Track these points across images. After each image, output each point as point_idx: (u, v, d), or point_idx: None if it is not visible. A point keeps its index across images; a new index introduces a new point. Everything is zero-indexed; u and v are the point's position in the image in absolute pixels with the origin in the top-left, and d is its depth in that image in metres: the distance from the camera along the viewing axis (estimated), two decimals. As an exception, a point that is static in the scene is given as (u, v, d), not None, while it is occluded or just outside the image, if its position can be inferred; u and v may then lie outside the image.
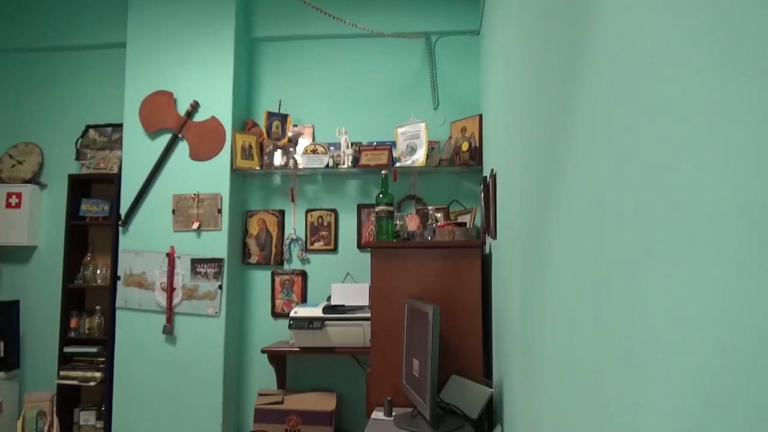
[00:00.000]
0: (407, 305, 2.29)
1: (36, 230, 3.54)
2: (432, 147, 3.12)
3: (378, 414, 2.15)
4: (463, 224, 2.65)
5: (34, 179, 3.55)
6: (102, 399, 3.28)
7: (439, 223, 2.66)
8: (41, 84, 3.65)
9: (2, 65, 3.68)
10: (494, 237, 2.16)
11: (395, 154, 3.14)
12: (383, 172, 2.73)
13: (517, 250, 1.51)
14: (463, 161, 3.02)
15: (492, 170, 2.25)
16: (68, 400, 3.33)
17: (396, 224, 2.71)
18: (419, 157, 3.05)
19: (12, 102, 3.66)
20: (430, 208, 2.84)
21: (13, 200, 3.47)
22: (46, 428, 3.17)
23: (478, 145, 3.00)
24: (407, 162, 3.07)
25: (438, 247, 2.41)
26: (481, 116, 3.02)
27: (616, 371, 0.63)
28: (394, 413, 2.13)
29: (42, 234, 3.56)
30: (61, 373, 3.25)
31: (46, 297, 3.47)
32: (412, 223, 2.72)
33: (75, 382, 3.23)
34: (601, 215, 0.70)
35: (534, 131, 1.22)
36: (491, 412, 2.13)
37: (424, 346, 1.96)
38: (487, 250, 2.49)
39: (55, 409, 3.22)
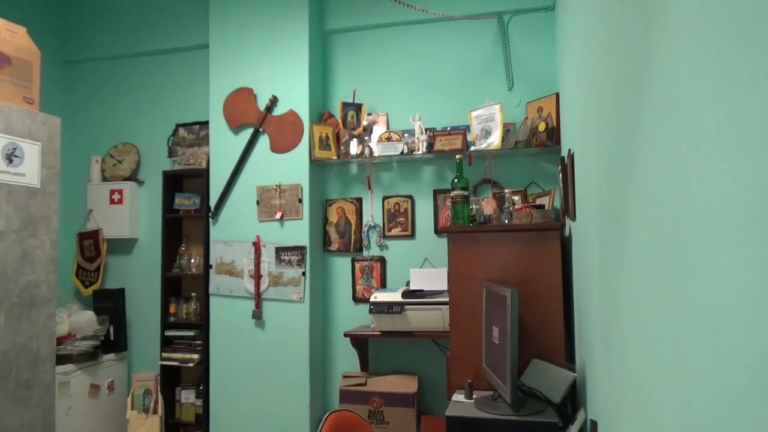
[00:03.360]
0: (485, 289, 2.29)
1: (136, 224, 3.83)
2: (507, 129, 3.07)
3: (459, 396, 2.17)
4: (542, 206, 2.60)
5: (133, 177, 3.84)
6: (200, 379, 3.52)
7: (516, 206, 2.63)
8: (135, 88, 3.92)
9: (102, 73, 3.99)
10: (574, 218, 2.11)
11: (470, 138, 3.12)
12: (458, 156, 2.72)
13: (595, 231, 1.48)
14: (540, 142, 2.95)
15: (570, 150, 2.19)
16: (170, 379, 3.60)
17: (472, 208, 2.71)
18: (494, 139, 3.01)
19: (111, 106, 3.96)
20: (506, 191, 2.81)
21: (116, 196, 3.77)
22: (151, 405, 3.45)
23: (555, 124, 2.92)
24: (482, 145, 3.04)
25: (515, 230, 2.38)
26: (557, 95, 2.94)
27: (698, 351, 0.62)
28: (474, 396, 2.14)
29: (141, 227, 3.85)
30: (163, 354, 3.52)
31: (147, 285, 3.76)
32: (488, 206, 2.71)
33: (176, 363, 3.49)
34: (676, 192, 0.68)
35: (610, 108, 1.19)
36: (574, 397, 2.10)
37: (503, 330, 1.96)
38: (567, 232, 2.43)
39: (159, 387, 3.50)
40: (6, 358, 2.42)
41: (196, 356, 3.45)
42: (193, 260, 3.62)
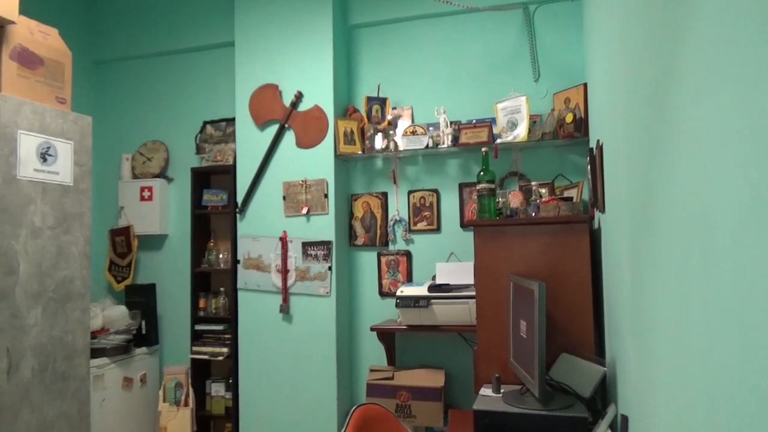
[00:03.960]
0: (512, 282, 2.27)
1: (166, 220, 3.90)
2: (534, 121, 3.03)
3: (486, 390, 2.16)
4: (569, 199, 2.56)
5: (162, 174, 3.91)
6: (229, 372, 3.57)
7: (543, 199, 2.59)
8: (163, 86, 3.99)
9: (131, 72, 4.07)
10: (603, 211, 2.07)
11: (495, 130, 3.09)
12: (483, 149, 2.70)
13: (624, 223, 1.45)
14: (567, 133, 2.91)
15: (598, 141, 2.15)
16: (201, 372, 3.67)
17: (498, 201, 2.68)
18: (520, 132, 2.98)
19: (140, 105, 4.04)
20: (533, 183, 2.78)
21: (146, 193, 3.84)
22: (183, 398, 3.52)
23: (583, 115, 2.88)
24: (508, 138, 3.01)
25: (543, 223, 2.35)
26: (585, 85, 2.89)
27: (730, 349, 0.60)
28: (502, 390, 2.13)
29: (171, 223, 3.91)
30: (194, 348, 3.58)
31: (177, 280, 3.83)
32: (515, 199, 2.68)
33: (206, 357, 3.55)
34: (708, 184, 0.66)
35: (640, 97, 1.16)
36: (604, 391, 2.07)
37: (530, 324, 1.94)
38: (596, 225, 2.39)
39: (189, 380, 3.56)
40: (43, 351, 2.49)
41: (225, 350, 3.51)
42: (221, 255, 3.68)
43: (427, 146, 3.19)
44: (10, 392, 2.33)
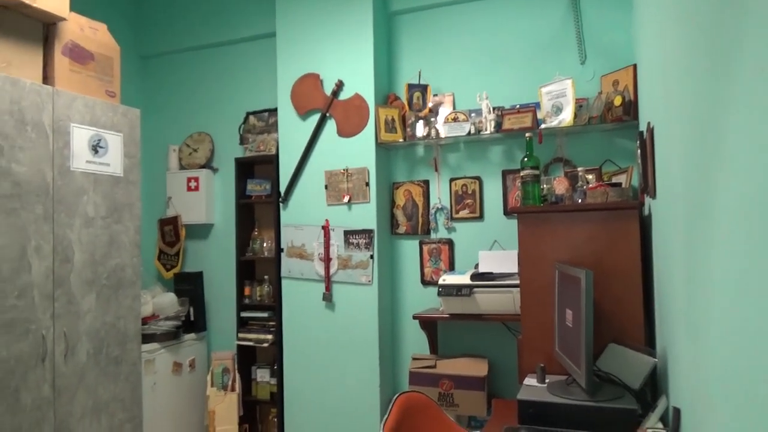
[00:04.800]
0: (558, 271, 2.22)
1: (212, 209, 3.99)
2: (580, 105, 2.94)
3: (531, 380, 2.13)
4: (618, 185, 2.47)
5: (208, 164, 3.99)
6: (274, 358, 3.64)
7: (590, 185, 2.52)
8: (207, 78, 4.06)
9: (176, 66, 4.16)
10: (653, 196, 1.99)
11: (540, 115, 3.01)
12: (527, 135, 2.63)
13: (678, 210, 1.39)
14: (615, 117, 2.81)
15: (649, 123, 2.06)
16: (246, 358, 3.75)
17: (543, 188, 2.62)
18: (566, 116, 2.89)
19: (186, 97, 4.13)
20: (579, 169, 2.70)
21: (192, 184, 3.93)
22: (229, 383, 3.61)
23: (632, 98, 2.77)
24: (553, 123, 2.93)
25: (589, 209, 2.28)
26: (635, 66, 2.78)
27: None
28: (547, 380, 2.09)
29: (216, 213, 4.00)
30: (239, 335, 3.66)
31: (223, 268, 3.91)
32: (560, 186, 2.61)
33: (251, 344, 3.63)
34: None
35: (696, 75, 1.10)
36: (654, 383, 2.00)
37: (577, 313, 1.89)
38: (646, 211, 2.31)
39: (236, 366, 3.65)
40: (97, 335, 2.59)
41: (270, 337, 3.57)
42: (265, 244, 3.74)
43: (469, 133, 3.14)
44: (68, 374, 2.44)
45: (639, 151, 2.30)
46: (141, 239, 2.85)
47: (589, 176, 2.74)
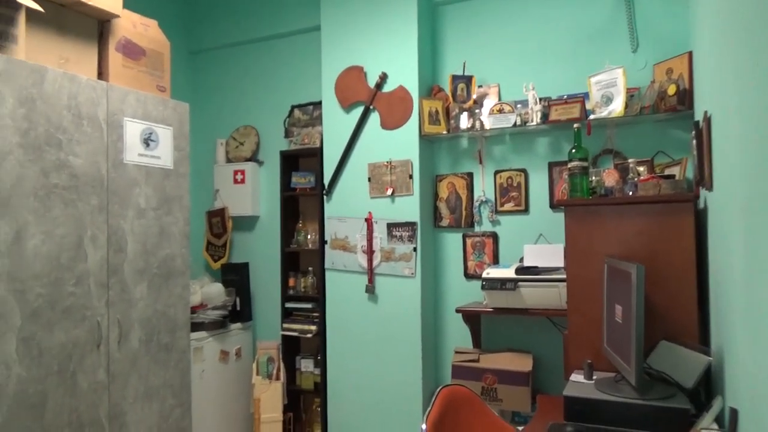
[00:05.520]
0: (607, 265, 2.16)
1: (257, 202, 4.06)
2: (631, 94, 2.84)
3: (577, 377, 2.08)
4: (671, 177, 2.39)
5: (253, 157, 4.06)
6: (317, 349, 3.68)
7: (641, 177, 2.44)
8: (253, 73, 4.13)
9: (223, 60, 4.24)
10: (710, 189, 1.91)
11: (588, 105, 2.93)
12: (576, 125, 2.57)
13: (738, 201, 1.32)
14: (669, 107, 2.70)
15: (706, 113, 1.98)
16: (291, 348, 3.81)
17: (591, 180, 2.55)
18: (616, 106, 2.80)
19: (232, 91, 4.21)
20: (630, 161, 2.61)
21: (239, 176, 4.01)
22: (274, 372, 3.67)
23: (687, 86, 2.66)
24: (602, 113, 2.85)
25: (641, 202, 2.21)
26: (690, 53, 2.66)
27: None
28: (594, 377, 2.04)
29: (262, 205, 4.07)
30: (284, 325, 3.73)
31: (268, 259, 3.98)
32: (609, 178, 2.53)
33: (295, 334, 3.69)
34: None
35: (756, 59, 1.04)
36: (708, 382, 1.93)
37: (627, 309, 1.84)
38: (702, 204, 2.22)
39: (280, 356, 3.71)
40: (149, 323, 2.68)
41: (313, 327, 3.61)
42: (309, 236, 3.78)
43: (514, 124, 3.09)
44: (121, 360, 2.54)
45: (694, 141, 2.21)
46: (190, 230, 2.93)
47: (641, 168, 2.66)
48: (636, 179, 2.43)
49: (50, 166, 2.25)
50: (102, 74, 2.57)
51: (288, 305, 3.77)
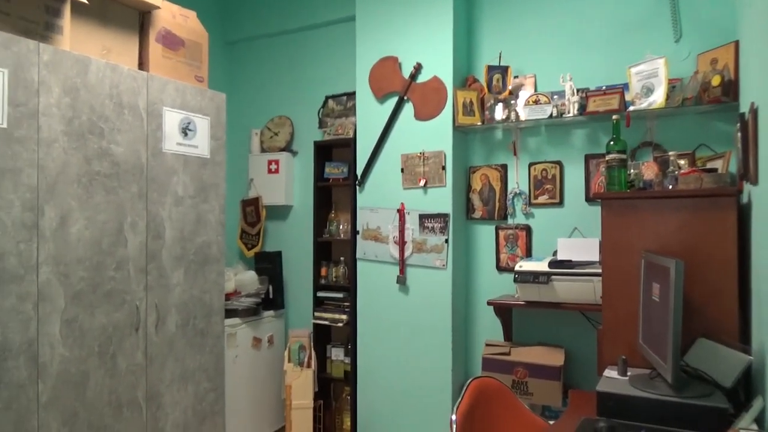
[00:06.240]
0: (644, 260, 2.11)
1: (291, 191, 4.11)
2: (673, 86, 2.76)
3: (611, 372, 2.05)
4: (714, 170, 2.32)
5: (287, 147, 4.10)
6: (348, 338, 3.72)
7: (682, 171, 2.37)
8: (288, 63, 4.16)
9: (258, 51, 4.29)
10: (755, 183, 1.85)
11: (628, 97, 2.86)
12: (614, 117, 2.51)
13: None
14: (713, 98, 2.62)
15: (753, 104, 1.91)
16: (322, 337, 3.86)
17: (630, 173, 2.50)
18: (657, 98, 2.73)
19: (268, 81, 4.25)
20: (671, 154, 2.54)
21: (273, 166, 4.06)
22: (305, 359, 3.72)
23: (733, 77, 2.57)
24: (642, 104, 2.78)
25: (681, 196, 2.15)
26: (737, 43, 2.57)
27: None
28: (629, 373, 2.01)
29: (295, 195, 4.12)
30: (315, 314, 3.77)
31: (301, 249, 4.03)
32: (648, 171, 2.47)
33: (326, 323, 3.73)
34: None
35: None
36: (748, 382, 1.88)
37: (664, 304, 1.80)
38: (745, 199, 2.15)
39: (312, 344, 3.76)
40: (186, 308, 2.75)
41: (344, 317, 3.65)
42: (341, 226, 3.81)
43: (550, 116, 3.04)
44: (159, 343, 2.61)
45: (739, 134, 2.14)
46: (225, 218, 2.98)
47: (682, 161, 2.59)
48: (676, 172, 2.37)
49: (93, 153, 2.31)
50: (142, 64, 2.63)
51: (319, 294, 3.81)
